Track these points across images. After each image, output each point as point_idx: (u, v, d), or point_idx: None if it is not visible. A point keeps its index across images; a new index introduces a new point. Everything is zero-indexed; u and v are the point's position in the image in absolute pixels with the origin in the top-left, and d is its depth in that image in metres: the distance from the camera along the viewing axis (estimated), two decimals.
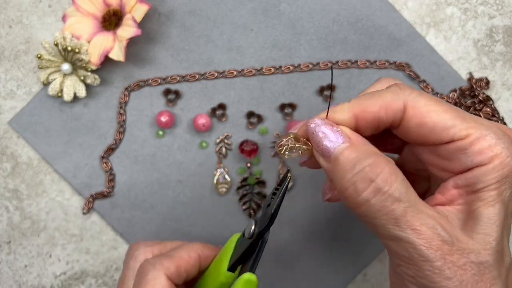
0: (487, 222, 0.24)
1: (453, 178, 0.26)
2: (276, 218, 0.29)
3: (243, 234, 0.30)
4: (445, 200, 0.26)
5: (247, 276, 0.28)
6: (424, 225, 0.24)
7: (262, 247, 0.29)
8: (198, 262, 0.32)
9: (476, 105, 0.43)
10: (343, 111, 0.26)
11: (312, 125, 0.26)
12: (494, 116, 0.43)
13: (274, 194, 0.29)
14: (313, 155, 0.28)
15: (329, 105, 0.26)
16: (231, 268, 0.30)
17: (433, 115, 0.25)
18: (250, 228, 0.29)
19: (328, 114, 0.27)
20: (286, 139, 0.28)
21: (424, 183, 0.31)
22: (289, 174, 0.28)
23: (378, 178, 0.24)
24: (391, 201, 0.24)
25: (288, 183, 0.28)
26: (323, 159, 0.26)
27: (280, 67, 0.43)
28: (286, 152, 0.28)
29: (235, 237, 0.31)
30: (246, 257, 0.29)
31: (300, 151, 0.28)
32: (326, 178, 0.29)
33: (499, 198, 0.24)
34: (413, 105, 0.25)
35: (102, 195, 0.43)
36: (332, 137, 0.25)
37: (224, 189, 0.43)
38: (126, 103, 0.43)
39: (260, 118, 0.43)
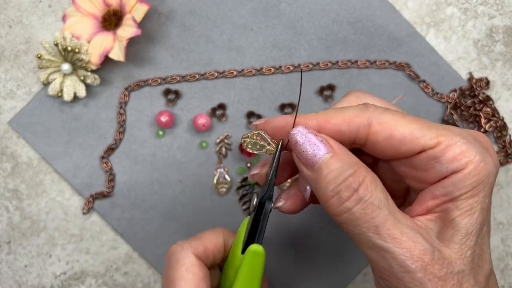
0: (464, 233, 0.24)
1: (430, 188, 0.26)
2: (273, 185, 0.29)
3: (250, 212, 0.30)
4: (423, 211, 0.26)
5: (253, 247, 0.28)
6: (405, 235, 0.24)
7: (265, 218, 0.29)
8: (223, 247, 0.33)
9: (476, 105, 0.43)
10: (309, 119, 0.26)
11: (296, 133, 0.26)
12: (494, 116, 0.43)
13: (270, 165, 0.29)
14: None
15: (296, 111, 0.27)
16: (244, 251, 0.30)
17: (400, 127, 0.25)
18: (253, 201, 0.30)
19: (297, 120, 0.27)
20: (252, 133, 0.28)
21: (398, 199, 0.31)
22: (281, 144, 0.28)
23: (360, 187, 0.24)
24: (372, 209, 0.24)
25: (281, 150, 0.28)
26: (305, 168, 0.26)
27: (280, 67, 0.43)
28: (249, 146, 0.28)
29: (246, 221, 0.31)
30: (255, 232, 0.29)
31: (264, 150, 0.28)
32: (301, 178, 0.29)
33: (478, 206, 0.24)
34: (379, 121, 0.26)
35: (102, 195, 0.43)
36: (317, 146, 0.25)
37: (224, 189, 0.43)
38: (126, 103, 0.43)
39: (260, 118, 0.43)
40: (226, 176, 0.43)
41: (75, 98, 0.43)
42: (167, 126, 0.42)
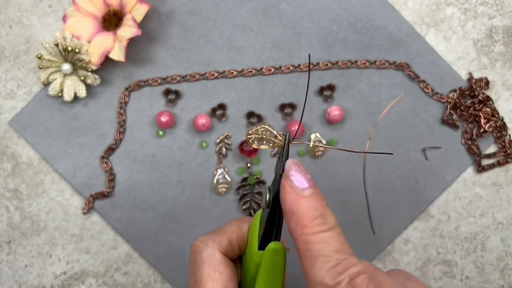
0: None
1: None
2: None
3: (263, 208, 0.30)
4: None
5: (273, 246, 0.27)
6: None
7: (281, 213, 0.28)
8: (248, 235, 0.32)
9: (476, 105, 0.43)
10: None
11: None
12: (494, 116, 0.43)
13: (280, 158, 0.28)
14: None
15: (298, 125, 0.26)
16: (262, 246, 0.29)
17: None
18: (266, 197, 0.29)
19: None
20: (256, 128, 0.27)
21: None
22: (288, 134, 0.28)
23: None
24: None
25: (289, 142, 0.28)
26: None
27: (280, 67, 0.43)
28: (255, 142, 0.28)
29: (258, 214, 0.30)
30: (271, 229, 0.29)
31: (270, 143, 0.27)
32: None
33: None
34: None
35: (102, 195, 0.43)
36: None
37: (224, 189, 0.43)
38: (126, 103, 0.43)
39: (260, 118, 0.43)
40: (226, 176, 0.43)
41: (75, 98, 0.43)
42: (167, 126, 0.42)
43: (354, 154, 0.43)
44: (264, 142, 0.28)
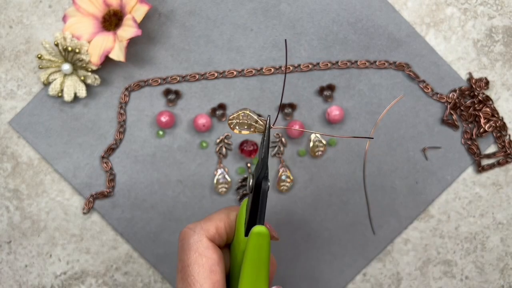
0: None
1: None
2: (267, 164, 0.28)
3: (248, 193, 0.30)
4: None
5: (256, 229, 0.28)
6: None
7: (264, 198, 0.29)
8: (235, 224, 0.33)
9: (476, 105, 0.43)
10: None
11: None
12: (494, 116, 0.43)
13: (261, 143, 0.29)
14: None
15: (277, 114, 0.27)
16: (248, 232, 0.29)
17: None
18: (249, 182, 0.29)
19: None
20: (237, 113, 0.28)
21: None
22: (269, 118, 0.28)
23: None
24: None
25: (270, 128, 0.28)
26: None
27: (280, 67, 0.43)
28: (237, 127, 0.28)
29: (245, 202, 0.31)
30: (255, 213, 0.29)
31: (251, 128, 0.28)
32: None
33: None
34: None
35: (102, 195, 0.43)
36: None
37: (224, 189, 0.43)
38: (126, 103, 0.43)
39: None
40: (226, 176, 0.43)
41: (76, 98, 0.43)
42: (167, 126, 0.42)
43: (354, 154, 0.43)
44: (245, 127, 0.28)
